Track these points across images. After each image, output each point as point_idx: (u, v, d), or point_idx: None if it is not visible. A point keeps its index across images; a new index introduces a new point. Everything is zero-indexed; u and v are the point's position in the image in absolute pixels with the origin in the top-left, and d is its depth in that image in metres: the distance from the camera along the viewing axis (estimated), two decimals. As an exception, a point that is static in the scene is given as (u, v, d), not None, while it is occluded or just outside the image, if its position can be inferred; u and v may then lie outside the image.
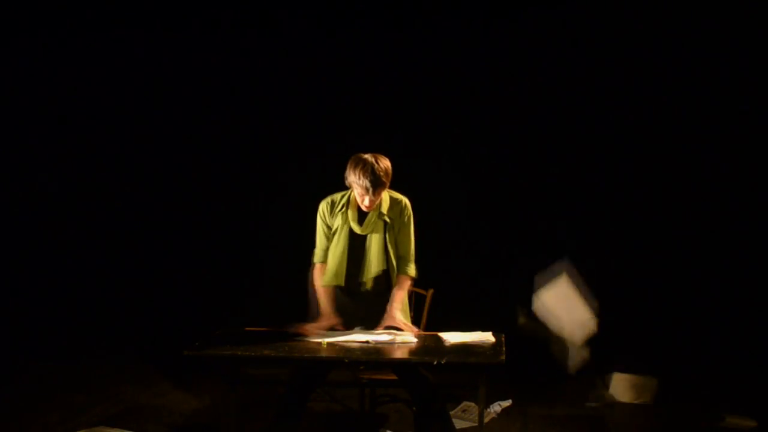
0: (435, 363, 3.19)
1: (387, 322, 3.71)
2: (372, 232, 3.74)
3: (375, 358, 3.35)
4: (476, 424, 3.47)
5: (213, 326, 3.76)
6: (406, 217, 3.81)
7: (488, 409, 4.59)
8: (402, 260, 3.82)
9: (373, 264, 3.74)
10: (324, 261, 3.84)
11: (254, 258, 5.97)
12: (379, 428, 4.35)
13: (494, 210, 5.74)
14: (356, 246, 3.76)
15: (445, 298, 4.16)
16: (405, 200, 3.84)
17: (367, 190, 3.57)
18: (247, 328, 3.85)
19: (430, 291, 4.10)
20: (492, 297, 5.53)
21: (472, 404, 4.59)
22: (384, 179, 3.59)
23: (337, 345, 3.45)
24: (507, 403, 4.75)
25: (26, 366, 5.58)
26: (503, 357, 3.25)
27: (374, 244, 3.74)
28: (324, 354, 3.36)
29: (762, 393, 4.87)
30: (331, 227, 3.79)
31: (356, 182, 3.58)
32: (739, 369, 5.22)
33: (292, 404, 3.64)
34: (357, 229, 3.73)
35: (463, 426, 4.37)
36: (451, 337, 3.57)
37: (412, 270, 3.83)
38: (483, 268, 5.70)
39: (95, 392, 5.03)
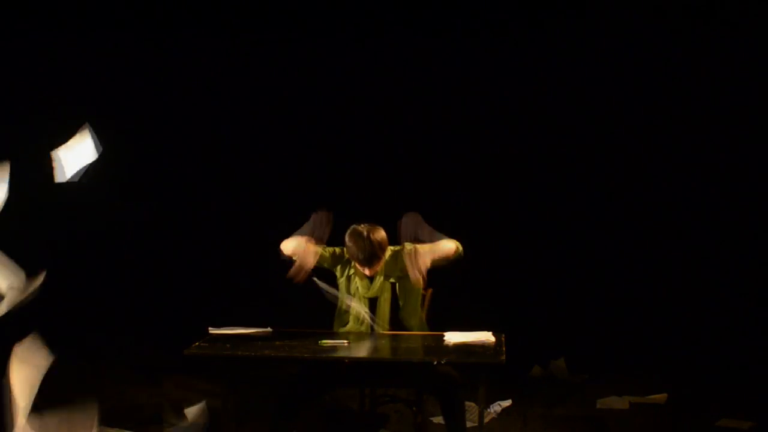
0: (435, 363, 3.19)
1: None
2: (381, 293, 3.80)
3: (378, 359, 3.35)
4: (476, 424, 3.47)
5: (213, 326, 3.76)
6: (413, 251, 3.72)
7: (488, 409, 4.58)
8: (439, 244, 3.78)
9: (386, 323, 3.82)
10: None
11: (255, 258, 5.96)
12: (379, 428, 4.35)
13: (494, 209, 5.74)
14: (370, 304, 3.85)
15: (445, 298, 4.16)
16: (403, 246, 3.82)
17: (363, 265, 3.70)
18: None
19: (430, 291, 4.10)
20: (492, 297, 5.53)
21: (472, 404, 4.56)
22: (379, 253, 3.67)
23: (336, 344, 3.44)
24: (507, 403, 4.75)
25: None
26: (503, 357, 3.25)
27: (382, 304, 3.80)
28: (324, 354, 3.35)
29: (758, 394, 4.87)
30: (335, 263, 3.85)
31: (354, 256, 3.71)
32: (735, 370, 5.22)
33: (291, 405, 3.64)
34: (366, 293, 3.82)
35: (463, 426, 4.36)
36: (452, 337, 3.56)
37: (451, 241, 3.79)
38: (483, 267, 5.69)
39: (95, 392, 5.02)
